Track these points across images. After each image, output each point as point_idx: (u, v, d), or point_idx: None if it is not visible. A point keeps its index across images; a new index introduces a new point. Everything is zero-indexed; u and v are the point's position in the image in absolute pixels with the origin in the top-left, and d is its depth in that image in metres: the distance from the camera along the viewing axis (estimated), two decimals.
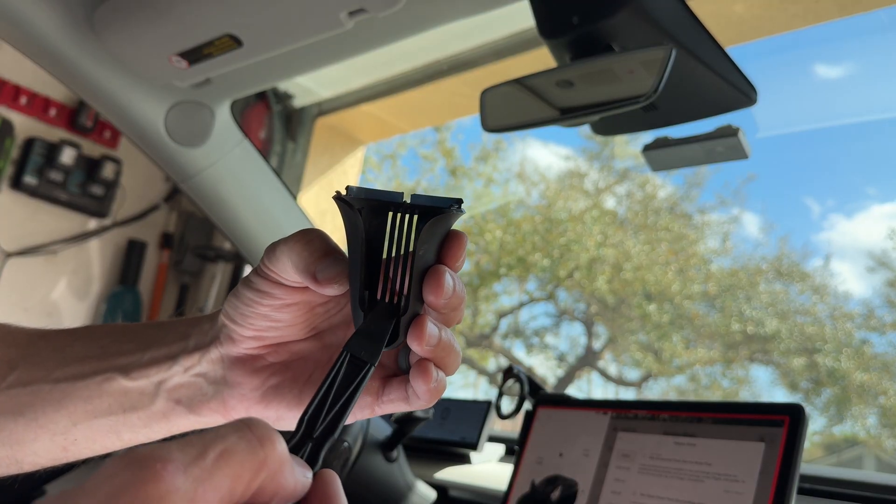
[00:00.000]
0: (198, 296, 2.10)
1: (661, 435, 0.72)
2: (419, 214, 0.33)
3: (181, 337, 0.38)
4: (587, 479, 0.75)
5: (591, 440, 0.77)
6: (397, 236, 0.33)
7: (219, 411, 0.37)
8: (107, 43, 0.84)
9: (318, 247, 0.33)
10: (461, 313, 0.34)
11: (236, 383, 0.37)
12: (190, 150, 0.97)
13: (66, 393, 0.37)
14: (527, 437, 0.84)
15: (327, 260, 0.33)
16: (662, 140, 0.80)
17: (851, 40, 2.55)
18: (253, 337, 0.36)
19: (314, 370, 0.37)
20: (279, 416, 0.37)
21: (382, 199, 0.33)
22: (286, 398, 0.37)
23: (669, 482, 0.68)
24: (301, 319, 0.36)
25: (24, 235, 1.84)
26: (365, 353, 0.32)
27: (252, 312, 0.35)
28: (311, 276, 0.33)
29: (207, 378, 0.37)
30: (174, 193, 2.12)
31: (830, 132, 5.54)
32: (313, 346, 0.38)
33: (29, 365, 0.38)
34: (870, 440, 3.96)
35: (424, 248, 0.32)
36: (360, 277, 0.33)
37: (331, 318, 0.38)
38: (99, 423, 0.37)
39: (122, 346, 0.38)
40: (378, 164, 5.99)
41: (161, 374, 0.37)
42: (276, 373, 0.37)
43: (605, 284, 5.09)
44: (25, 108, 1.80)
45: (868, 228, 5.38)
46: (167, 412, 0.37)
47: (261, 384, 0.37)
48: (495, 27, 1.50)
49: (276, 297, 0.35)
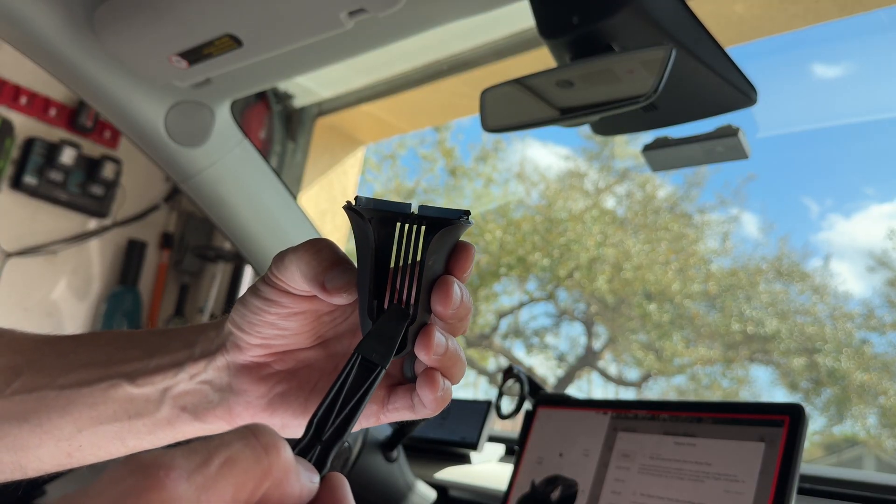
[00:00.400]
0: (198, 296, 2.10)
1: (661, 435, 0.72)
2: (427, 226, 0.33)
3: (187, 344, 0.38)
4: (587, 479, 0.75)
5: (592, 440, 0.77)
6: (405, 247, 0.33)
7: (224, 418, 0.37)
8: (106, 43, 0.84)
9: (327, 256, 0.34)
10: (467, 323, 0.35)
11: (242, 391, 0.37)
12: (190, 150, 0.97)
13: (70, 399, 0.37)
14: (527, 437, 0.84)
15: (336, 269, 0.33)
16: (662, 140, 0.80)
17: (850, 40, 2.55)
18: (260, 345, 0.36)
19: (320, 378, 0.38)
20: (284, 424, 0.37)
21: (391, 209, 0.33)
22: (292, 406, 0.37)
23: (669, 482, 0.68)
24: (308, 328, 0.37)
25: (24, 235, 1.84)
26: (376, 355, 0.32)
27: (259, 321, 0.35)
28: (320, 286, 0.33)
29: (213, 385, 0.37)
30: (174, 193, 2.11)
31: (828, 132, 5.54)
32: (319, 354, 0.38)
33: (34, 371, 0.38)
34: (870, 440, 3.97)
35: (433, 258, 0.33)
36: (369, 287, 0.33)
37: (337, 327, 0.38)
38: (104, 430, 0.38)
39: (127, 352, 0.38)
40: (378, 165, 5.99)
41: (167, 382, 0.37)
42: (281, 381, 0.37)
43: (605, 284, 5.09)
44: (25, 108, 1.80)
45: (867, 228, 5.38)
46: (172, 419, 0.37)
47: (267, 392, 0.37)
48: (495, 27, 1.50)
49: (284, 306, 0.35)
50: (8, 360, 0.39)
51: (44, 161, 1.81)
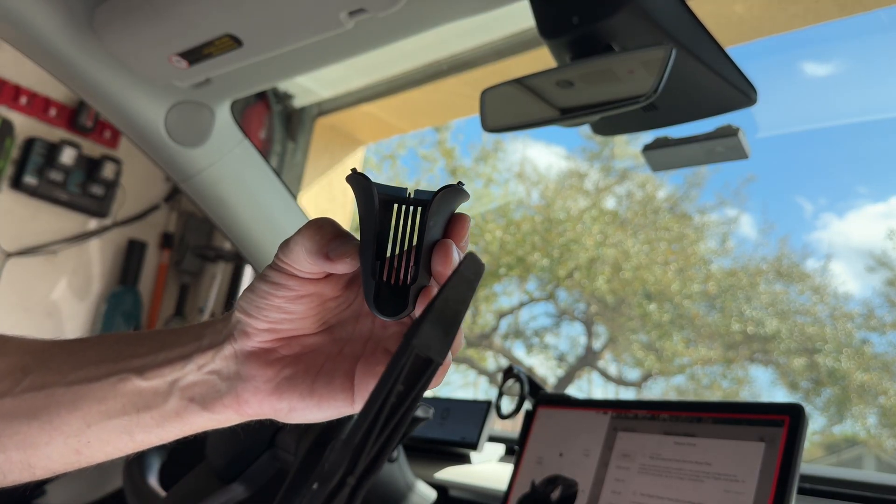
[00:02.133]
0: (198, 296, 2.10)
1: (661, 435, 0.72)
2: (423, 207, 0.35)
3: (195, 337, 0.39)
4: (587, 479, 0.75)
5: (592, 440, 0.77)
6: (405, 221, 0.35)
7: (232, 407, 0.38)
8: (106, 43, 0.84)
9: (329, 230, 0.35)
10: None
11: (250, 376, 0.38)
12: (190, 150, 0.97)
13: (79, 395, 0.38)
14: (527, 436, 0.84)
15: (339, 240, 0.35)
16: (662, 140, 0.80)
17: (849, 40, 2.55)
18: (267, 329, 0.38)
19: (325, 362, 0.39)
20: (292, 408, 0.38)
21: (391, 192, 0.35)
22: (299, 388, 0.38)
23: (669, 482, 0.68)
24: (313, 312, 0.38)
25: (25, 235, 1.84)
26: (433, 350, 0.29)
27: (267, 304, 0.37)
28: (324, 256, 0.35)
29: (221, 375, 0.38)
30: (174, 193, 2.12)
31: (822, 132, 5.55)
32: (324, 339, 0.39)
33: (43, 370, 0.39)
34: (870, 440, 3.97)
35: (433, 221, 0.34)
36: (372, 247, 0.34)
37: (341, 314, 0.39)
38: (113, 424, 0.38)
39: (136, 348, 0.39)
40: (378, 165, 5.99)
41: (175, 374, 0.38)
42: (288, 365, 0.38)
43: (605, 284, 5.09)
44: (25, 108, 1.80)
45: (861, 228, 5.39)
46: (180, 411, 0.38)
47: (274, 375, 0.38)
48: (495, 27, 1.50)
49: (290, 289, 0.36)
50: (17, 360, 0.40)
51: (44, 161, 1.81)
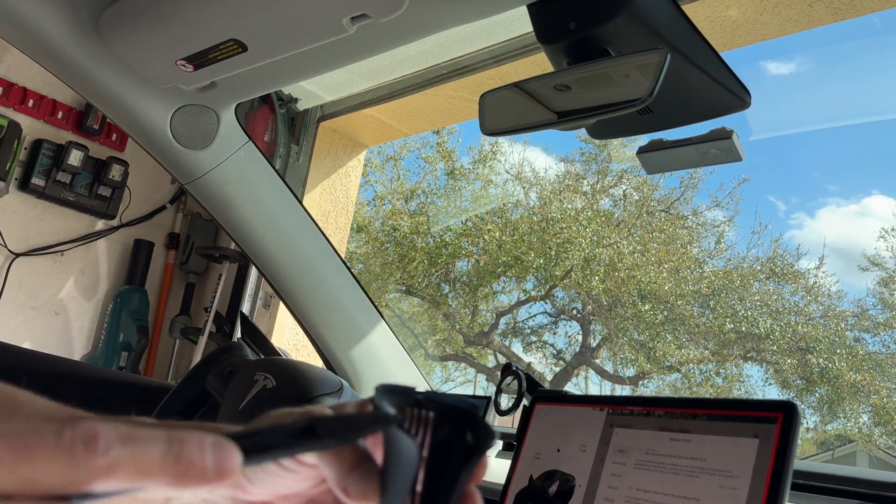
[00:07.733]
0: (203, 295, 2.12)
1: (656, 431, 0.73)
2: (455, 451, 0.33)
3: None
4: (584, 474, 0.76)
5: (588, 436, 0.78)
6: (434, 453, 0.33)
7: None
8: (113, 47, 0.85)
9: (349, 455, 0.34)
10: None
11: None
12: (195, 153, 0.99)
13: None
14: (525, 432, 0.85)
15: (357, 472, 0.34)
16: (657, 142, 0.82)
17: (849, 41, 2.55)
18: (265, 492, 0.37)
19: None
20: None
21: None
22: None
23: (664, 477, 0.70)
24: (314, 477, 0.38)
25: (32, 236, 1.86)
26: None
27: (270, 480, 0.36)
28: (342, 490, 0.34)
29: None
30: (180, 195, 2.13)
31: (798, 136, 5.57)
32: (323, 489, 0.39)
33: None
34: (862, 438, 3.96)
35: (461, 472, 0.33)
36: None
37: None
38: None
39: None
40: (380, 166, 6.00)
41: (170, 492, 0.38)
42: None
43: (600, 284, 5.10)
44: (33, 111, 1.82)
45: (832, 225, 5.39)
46: None
47: None
48: (494, 33, 1.51)
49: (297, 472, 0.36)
50: None
51: (51, 163, 1.82)
